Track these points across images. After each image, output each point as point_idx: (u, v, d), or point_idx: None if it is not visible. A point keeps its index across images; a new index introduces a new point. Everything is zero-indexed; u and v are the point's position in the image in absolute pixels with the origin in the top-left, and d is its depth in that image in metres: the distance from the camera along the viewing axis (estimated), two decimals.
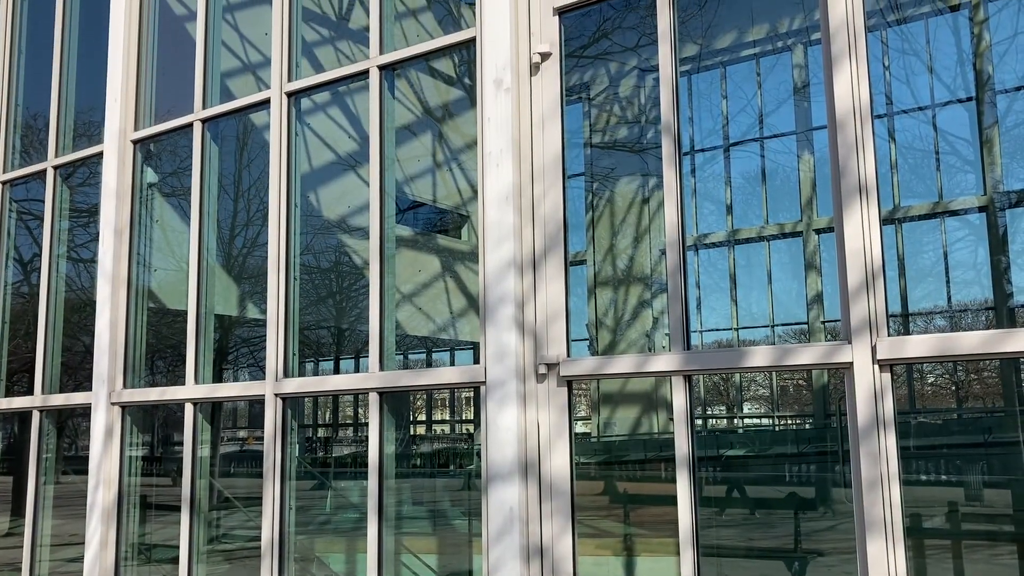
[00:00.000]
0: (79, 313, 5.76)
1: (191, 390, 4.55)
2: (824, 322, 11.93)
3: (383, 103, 4.08)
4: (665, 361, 3.12)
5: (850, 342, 2.78)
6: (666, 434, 10.35)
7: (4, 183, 6.08)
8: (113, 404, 4.85)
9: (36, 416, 5.45)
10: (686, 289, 3.17)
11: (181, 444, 4.56)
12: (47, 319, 5.52)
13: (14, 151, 6.17)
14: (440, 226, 9.07)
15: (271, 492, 4.08)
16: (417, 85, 7.63)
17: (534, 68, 3.58)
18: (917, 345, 2.69)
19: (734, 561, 7.39)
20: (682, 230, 3.22)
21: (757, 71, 12.50)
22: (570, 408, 3.37)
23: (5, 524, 6.68)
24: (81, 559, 4.86)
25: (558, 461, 3.32)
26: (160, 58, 5.31)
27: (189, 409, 4.55)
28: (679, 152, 3.28)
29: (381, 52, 4.10)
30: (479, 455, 3.46)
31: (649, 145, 11.04)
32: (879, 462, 2.70)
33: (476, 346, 4.20)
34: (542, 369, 3.38)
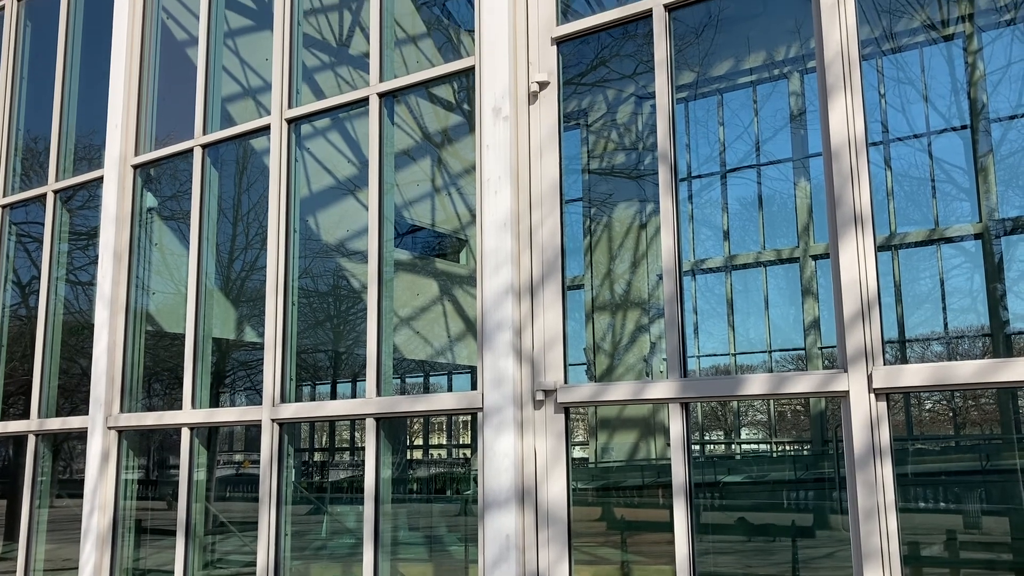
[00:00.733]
0: (77, 335, 5.76)
1: (188, 415, 4.54)
2: (821, 348, 11.93)
3: (383, 129, 4.11)
4: (662, 388, 3.13)
5: (846, 371, 2.78)
6: (664, 460, 10.31)
7: (4, 207, 6.10)
8: (110, 428, 4.84)
9: (32, 440, 5.43)
10: (683, 317, 3.18)
11: (177, 467, 4.54)
12: (44, 342, 5.52)
13: (14, 174, 6.20)
14: (438, 250, 9.08)
15: (267, 518, 4.06)
16: (416, 110, 7.68)
17: (532, 97, 3.61)
18: (913, 374, 2.70)
19: None
20: (679, 258, 3.24)
21: (754, 98, 12.58)
22: (567, 435, 3.37)
23: None
24: None
25: (555, 488, 3.31)
26: (161, 83, 5.35)
27: (186, 434, 4.54)
28: (676, 181, 3.30)
29: (381, 80, 4.13)
30: (476, 480, 3.45)
31: (646, 171, 11.09)
32: (876, 491, 2.70)
33: (474, 370, 4.19)
34: (539, 396, 3.38)
